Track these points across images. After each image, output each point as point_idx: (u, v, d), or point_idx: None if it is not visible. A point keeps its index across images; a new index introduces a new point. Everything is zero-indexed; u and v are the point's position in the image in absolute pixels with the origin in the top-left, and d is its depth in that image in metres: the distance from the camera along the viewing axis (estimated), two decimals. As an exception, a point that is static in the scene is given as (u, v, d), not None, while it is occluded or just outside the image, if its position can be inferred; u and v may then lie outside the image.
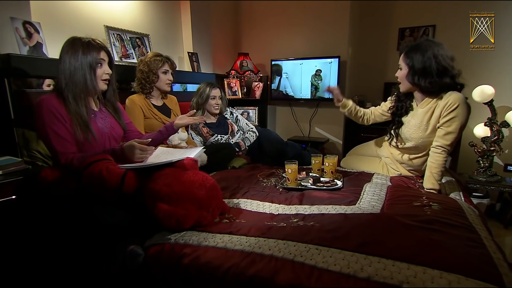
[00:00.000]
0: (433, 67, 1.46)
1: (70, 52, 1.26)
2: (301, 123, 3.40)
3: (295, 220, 1.17)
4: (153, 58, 1.90)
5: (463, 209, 1.19)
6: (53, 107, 1.23)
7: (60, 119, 1.24)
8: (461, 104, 1.44)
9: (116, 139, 1.45)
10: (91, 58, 1.28)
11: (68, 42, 1.29)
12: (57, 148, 1.24)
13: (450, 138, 1.48)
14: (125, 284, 1.08)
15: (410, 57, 1.53)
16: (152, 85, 1.93)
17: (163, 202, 1.11)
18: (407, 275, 0.77)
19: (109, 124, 1.42)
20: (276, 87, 3.29)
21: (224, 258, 0.94)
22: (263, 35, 3.44)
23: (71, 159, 1.24)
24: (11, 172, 1.29)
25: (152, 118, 1.92)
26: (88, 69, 1.27)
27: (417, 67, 1.50)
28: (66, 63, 1.26)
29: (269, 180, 1.75)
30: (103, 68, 1.33)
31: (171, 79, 1.99)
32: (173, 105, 2.13)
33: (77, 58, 1.26)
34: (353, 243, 0.92)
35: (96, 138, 1.32)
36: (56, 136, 1.23)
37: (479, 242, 0.93)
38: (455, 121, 1.46)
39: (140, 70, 1.91)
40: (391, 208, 1.22)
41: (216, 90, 2.28)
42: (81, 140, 1.28)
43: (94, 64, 1.29)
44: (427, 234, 0.95)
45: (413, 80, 1.54)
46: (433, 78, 1.47)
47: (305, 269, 0.84)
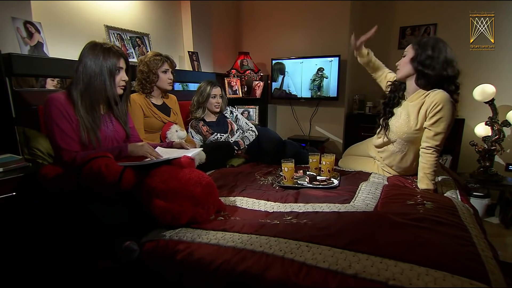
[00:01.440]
0: (441, 56, 1.48)
1: (91, 56, 1.27)
2: (302, 122, 3.40)
3: (288, 218, 1.18)
4: (153, 58, 1.91)
5: (456, 208, 1.19)
6: (62, 105, 1.26)
7: (67, 117, 1.26)
8: (445, 104, 1.45)
9: (118, 142, 1.47)
10: (111, 65, 1.29)
11: (90, 46, 1.29)
12: (61, 144, 1.26)
13: (439, 138, 1.49)
14: (121, 279, 1.10)
15: (420, 44, 1.55)
16: (153, 84, 1.95)
17: (159, 198, 1.13)
18: (394, 272, 0.78)
19: (113, 127, 1.44)
20: (279, 86, 3.29)
21: (216, 254, 0.95)
22: (264, 34, 3.45)
23: (73, 157, 1.27)
24: (11, 169, 1.32)
25: (152, 117, 1.94)
26: (108, 75, 1.29)
27: (426, 53, 1.51)
28: (86, 67, 1.27)
29: (266, 178, 1.77)
30: (121, 75, 1.35)
31: (172, 78, 2.00)
32: (173, 104, 2.15)
33: (98, 63, 1.28)
34: (343, 240, 0.93)
35: (101, 143, 1.34)
36: (61, 133, 1.26)
37: (469, 240, 0.93)
38: (442, 121, 1.47)
39: (140, 70, 1.92)
40: (384, 207, 1.23)
41: (217, 88, 2.29)
42: (86, 143, 1.31)
43: (114, 70, 1.31)
44: (417, 232, 0.96)
45: (417, 65, 1.54)
46: (437, 65, 1.48)
47: (294, 266, 0.85)
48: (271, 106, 3.52)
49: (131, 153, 1.36)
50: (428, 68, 1.50)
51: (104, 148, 1.37)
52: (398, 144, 1.66)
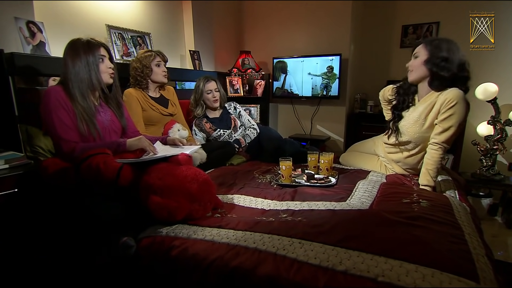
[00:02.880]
0: (456, 58, 1.46)
1: (72, 53, 1.34)
2: (303, 121, 3.40)
3: (284, 216, 1.19)
4: (144, 54, 1.97)
5: (452, 206, 1.19)
6: (61, 97, 1.30)
7: (65, 108, 1.30)
8: (459, 101, 1.43)
9: (116, 132, 1.50)
10: (93, 55, 1.35)
11: (69, 45, 1.36)
12: (61, 134, 1.29)
13: (447, 135, 1.47)
14: (119, 274, 1.13)
15: (433, 45, 1.51)
16: (147, 79, 1.99)
17: (156, 194, 1.15)
18: (384, 268, 0.78)
19: (109, 118, 1.47)
20: (281, 85, 3.30)
21: (210, 250, 0.97)
22: (265, 33, 3.46)
23: (73, 148, 1.29)
24: (13, 166, 1.35)
25: (150, 109, 1.97)
26: (92, 65, 1.35)
27: (441, 54, 1.48)
28: (69, 65, 1.33)
29: (265, 176, 1.78)
30: (105, 63, 1.40)
31: (165, 70, 2.04)
32: (171, 95, 2.17)
33: (80, 57, 1.33)
34: (336, 237, 0.94)
35: (100, 133, 1.37)
36: (60, 123, 1.29)
37: (461, 238, 0.94)
38: (453, 118, 1.44)
39: (133, 67, 1.96)
40: (380, 205, 1.23)
41: (211, 83, 2.26)
42: (85, 134, 1.34)
43: (96, 59, 1.36)
44: (410, 230, 0.97)
45: (432, 67, 1.50)
46: (453, 67, 1.46)
47: (286, 262, 0.86)
48: (273, 105, 3.53)
49: (130, 147, 1.40)
50: (444, 70, 1.47)
51: (103, 139, 1.40)
52: (411, 143, 1.65)
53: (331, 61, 2.96)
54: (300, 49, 3.25)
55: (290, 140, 2.33)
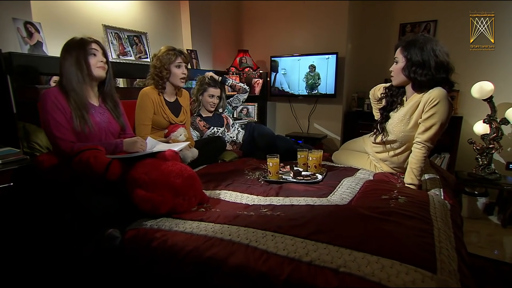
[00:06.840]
0: (432, 61, 1.46)
1: (66, 51, 1.40)
2: (300, 119, 3.43)
3: (264, 210, 1.22)
4: (165, 52, 1.88)
5: (428, 203, 1.21)
6: (56, 98, 1.36)
7: (61, 109, 1.36)
8: (442, 100, 1.44)
9: (113, 134, 1.55)
10: (84, 50, 1.40)
11: (64, 45, 1.42)
12: (56, 134, 1.35)
13: (430, 134, 1.48)
14: (102, 265, 1.18)
15: (408, 50, 1.52)
16: (165, 80, 1.91)
17: (141, 188, 1.20)
18: (347, 260, 0.82)
19: (106, 119, 1.52)
20: (272, 83, 3.33)
21: (188, 241, 1.01)
22: (263, 32, 3.49)
23: (71, 147, 1.35)
24: (9, 161, 1.41)
25: (160, 115, 1.91)
26: (82, 58, 1.39)
27: (416, 60, 1.49)
28: (62, 63, 1.39)
29: (254, 173, 1.81)
30: (97, 57, 1.44)
31: (185, 72, 1.95)
32: (185, 101, 2.09)
33: (71, 53, 1.39)
34: (307, 231, 0.97)
35: (91, 128, 1.42)
36: (56, 123, 1.34)
37: (429, 232, 0.96)
38: (435, 117, 1.45)
39: (153, 65, 1.90)
40: (358, 201, 1.25)
41: (216, 89, 2.31)
42: (79, 130, 1.39)
43: (87, 53, 1.41)
44: (381, 225, 0.99)
45: (409, 74, 1.53)
46: (430, 71, 1.47)
47: (256, 253, 0.90)
48: (270, 103, 3.56)
49: (126, 149, 1.46)
50: (421, 75, 1.48)
51: (97, 138, 1.45)
52: (397, 142, 1.67)
53: (327, 59, 2.98)
54: (299, 47, 3.27)
55: (283, 136, 2.36)
